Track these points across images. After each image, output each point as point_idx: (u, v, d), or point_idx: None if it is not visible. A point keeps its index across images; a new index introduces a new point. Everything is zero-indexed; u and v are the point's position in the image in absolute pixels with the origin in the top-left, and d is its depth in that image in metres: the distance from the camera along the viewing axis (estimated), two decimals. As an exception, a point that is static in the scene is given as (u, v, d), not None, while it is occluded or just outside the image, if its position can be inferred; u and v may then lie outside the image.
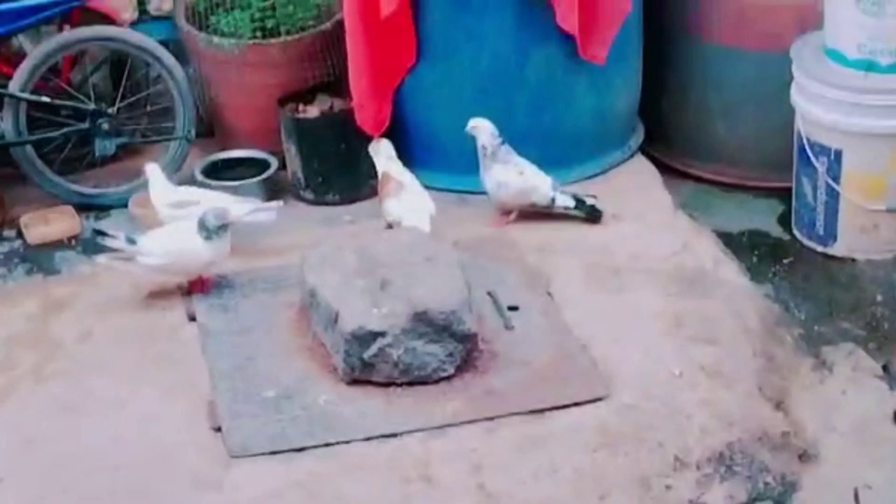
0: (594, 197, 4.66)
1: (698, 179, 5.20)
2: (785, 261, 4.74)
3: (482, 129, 4.63)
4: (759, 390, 3.85)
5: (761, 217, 5.00)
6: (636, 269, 4.36)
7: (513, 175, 4.63)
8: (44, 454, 3.65)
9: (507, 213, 4.70)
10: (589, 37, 4.77)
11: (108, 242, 4.21)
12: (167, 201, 4.53)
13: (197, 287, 4.27)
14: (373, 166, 4.76)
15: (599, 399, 3.73)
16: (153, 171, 4.58)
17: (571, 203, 4.62)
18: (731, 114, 5.08)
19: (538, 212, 4.65)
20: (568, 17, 4.66)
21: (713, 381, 3.82)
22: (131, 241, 4.20)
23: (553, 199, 4.62)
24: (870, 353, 4.20)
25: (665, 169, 5.16)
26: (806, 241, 4.80)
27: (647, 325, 4.06)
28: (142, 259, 4.18)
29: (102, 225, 4.74)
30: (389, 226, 4.48)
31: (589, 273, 4.35)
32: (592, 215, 4.64)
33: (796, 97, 4.68)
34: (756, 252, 4.78)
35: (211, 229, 4.15)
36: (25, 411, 3.84)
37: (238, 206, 4.45)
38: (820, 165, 4.64)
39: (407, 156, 4.90)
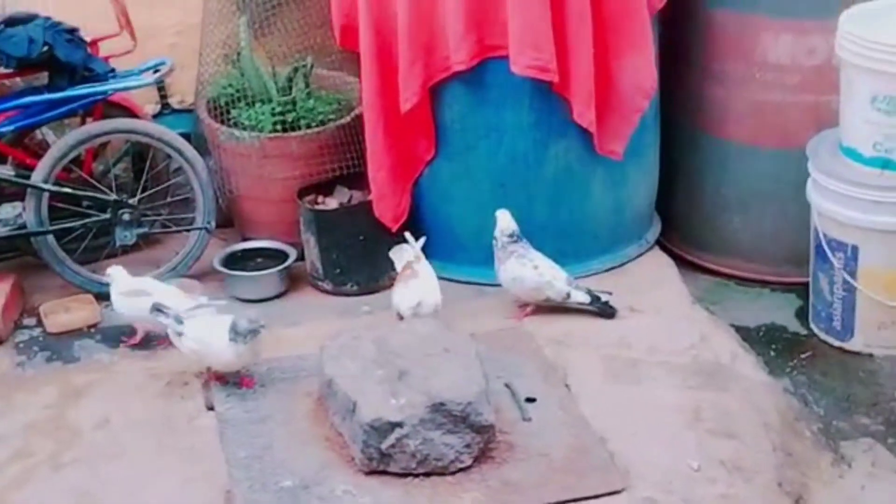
0: (609, 293, 4.67)
1: (715, 273, 5.21)
2: (803, 355, 4.73)
3: (498, 220, 4.67)
4: (778, 485, 3.83)
5: (778, 311, 5.00)
6: (654, 362, 4.36)
7: (528, 270, 4.64)
8: (60, 542, 3.65)
9: (523, 305, 4.71)
10: (606, 132, 4.81)
11: (160, 318, 4.27)
12: (120, 290, 4.57)
13: (222, 379, 4.26)
14: (389, 258, 4.79)
15: (617, 492, 3.71)
16: (116, 272, 4.61)
17: (587, 299, 4.63)
18: (748, 209, 5.11)
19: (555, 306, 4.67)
20: (584, 113, 4.71)
21: (732, 476, 3.80)
22: (178, 321, 4.25)
23: (568, 295, 4.64)
24: (889, 449, 4.18)
25: (682, 262, 5.18)
26: (823, 336, 4.80)
27: (665, 418, 4.05)
28: (182, 341, 4.23)
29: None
30: (400, 317, 4.49)
31: (606, 365, 4.35)
32: (607, 312, 4.65)
33: (812, 194, 4.71)
34: (773, 346, 4.78)
35: (240, 332, 4.15)
36: (42, 499, 3.83)
37: (183, 300, 4.45)
38: (836, 261, 4.65)
39: (425, 248, 4.93)
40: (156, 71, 5.00)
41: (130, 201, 4.99)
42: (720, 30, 4.97)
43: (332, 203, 5.03)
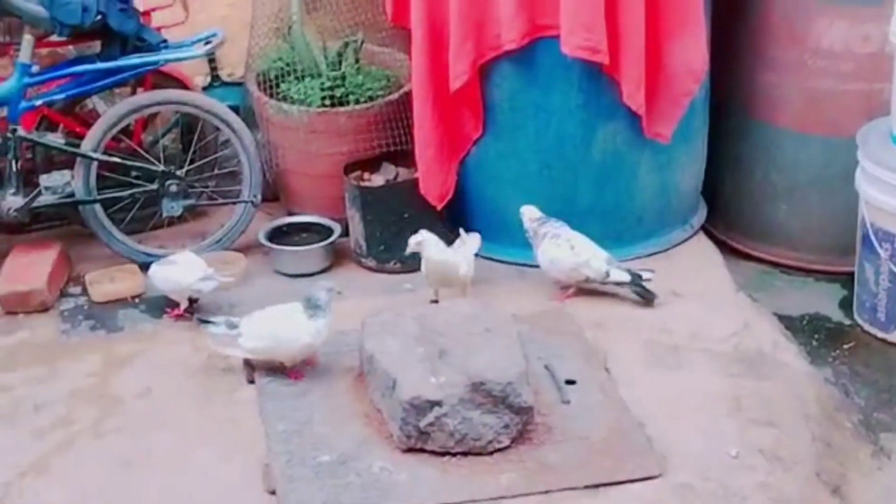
0: (651, 271, 4.64)
1: (760, 261, 5.19)
2: (845, 346, 4.71)
3: (523, 216, 4.70)
4: (816, 475, 3.82)
5: (822, 301, 4.97)
6: (695, 349, 4.34)
7: (564, 250, 4.62)
8: (99, 510, 3.69)
9: (565, 288, 4.71)
10: (654, 115, 4.79)
11: (211, 329, 4.22)
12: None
13: (295, 375, 4.21)
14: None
15: (654, 477, 3.71)
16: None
17: (627, 278, 4.59)
18: (795, 197, 5.08)
19: (596, 288, 4.65)
20: (634, 95, 4.69)
21: (771, 464, 3.79)
22: (232, 326, 4.19)
23: (608, 273, 4.60)
24: (928, 442, 4.17)
25: (726, 249, 5.16)
26: (867, 327, 4.77)
27: (705, 405, 4.04)
28: (243, 342, 4.17)
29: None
30: (435, 300, 4.50)
31: (647, 350, 4.34)
32: (646, 296, 4.62)
33: (861, 183, 4.67)
34: (816, 336, 4.76)
35: (320, 304, 4.12)
36: (83, 466, 3.87)
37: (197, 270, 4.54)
38: (883, 252, 4.62)
39: (468, 226, 4.93)
40: (207, 43, 5.03)
41: (178, 172, 5.01)
42: (773, 14, 4.94)
43: (377, 180, 5.03)
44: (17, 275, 4.81)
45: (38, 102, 4.94)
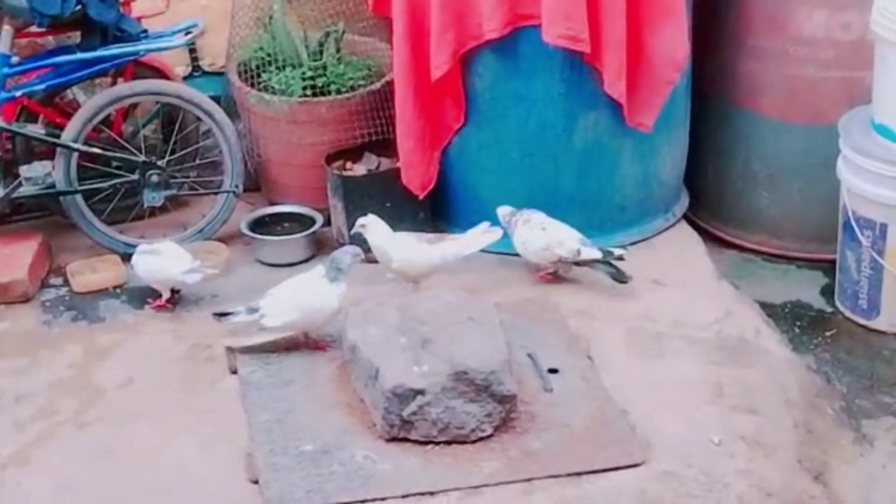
0: (624, 248, 4.67)
1: (741, 249, 5.20)
2: (827, 333, 4.72)
3: (500, 217, 4.70)
4: (798, 462, 3.83)
5: (804, 288, 4.98)
6: (677, 336, 4.35)
7: (536, 232, 4.64)
8: (80, 500, 3.68)
9: (540, 271, 4.71)
10: (636, 104, 4.79)
11: (234, 321, 4.19)
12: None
13: (321, 346, 4.25)
14: (415, 225, 4.82)
15: (637, 465, 3.71)
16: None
17: (598, 254, 4.62)
18: (777, 185, 5.09)
19: (568, 272, 4.67)
20: (615, 84, 4.69)
21: (753, 451, 3.80)
22: (252, 311, 4.17)
23: (579, 252, 4.61)
24: (911, 428, 4.18)
25: (708, 237, 5.18)
26: (849, 314, 4.78)
27: (688, 393, 4.04)
28: (268, 322, 4.16)
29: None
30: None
31: (630, 338, 4.34)
32: (620, 277, 4.63)
33: (843, 171, 4.68)
34: (798, 323, 4.77)
35: (342, 268, 4.17)
36: (65, 456, 3.86)
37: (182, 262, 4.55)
38: (865, 239, 4.63)
39: (451, 216, 4.95)
40: (187, 33, 5.01)
41: (159, 163, 4.99)
42: (755, 3, 4.95)
43: (360, 169, 5.03)
44: (-3, 265, 4.80)
45: (18, 93, 4.91)
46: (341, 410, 3.94)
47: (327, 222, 5.01)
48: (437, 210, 5.01)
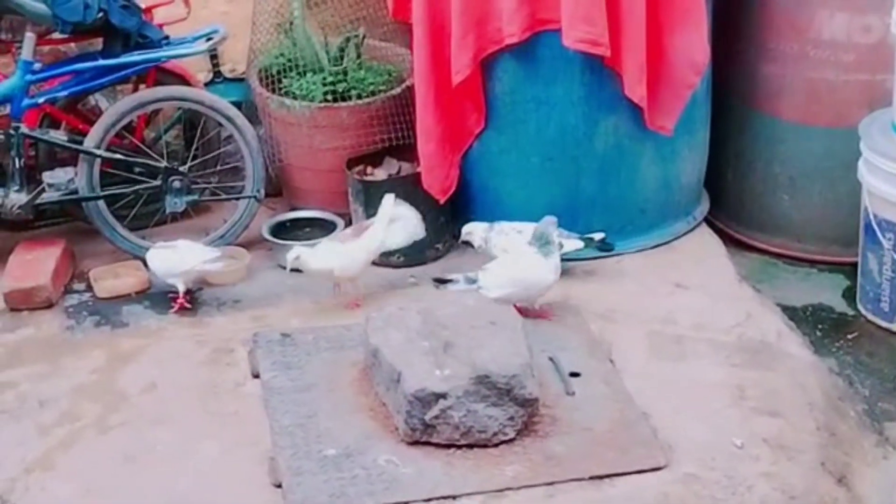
0: (601, 231, 4.68)
1: (763, 252, 5.19)
2: (849, 336, 4.71)
3: (474, 233, 4.72)
4: (821, 465, 3.82)
5: (826, 291, 4.98)
6: (699, 339, 4.35)
7: (513, 236, 4.66)
8: (104, 505, 3.69)
9: None
10: (656, 107, 4.79)
11: (452, 287, 4.39)
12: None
13: (543, 314, 4.40)
14: (436, 230, 4.84)
15: (660, 468, 3.72)
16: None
17: (580, 244, 4.67)
18: (798, 188, 5.08)
19: (601, 278, 4.67)
20: (635, 88, 4.69)
21: (775, 454, 3.79)
22: (471, 281, 4.36)
23: (561, 245, 4.61)
24: (933, 431, 4.17)
25: (729, 240, 5.17)
26: (871, 317, 4.77)
27: (709, 396, 4.04)
28: (487, 294, 4.31)
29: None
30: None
31: (651, 341, 4.34)
32: (604, 247, 4.69)
33: (863, 173, 4.67)
34: (820, 326, 4.76)
35: (551, 241, 4.32)
36: (88, 461, 3.87)
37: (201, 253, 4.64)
38: (886, 242, 4.62)
39: (472, 220, 4.93)
40: (209, 39, 5.03)
41: (181, 169, 5.01)
42: (775, 6, 4.94)
43: (380, 174, 5.04)
44: (21, 271, 4.82)
45: (41, 100, 4.94)
46: (363, 414, 3.95)
47: (348, 227, 5.02)
48: (458, 214, 5.02)
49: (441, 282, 4.49)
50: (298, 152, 5.13)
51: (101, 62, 4.93)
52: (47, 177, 4.95)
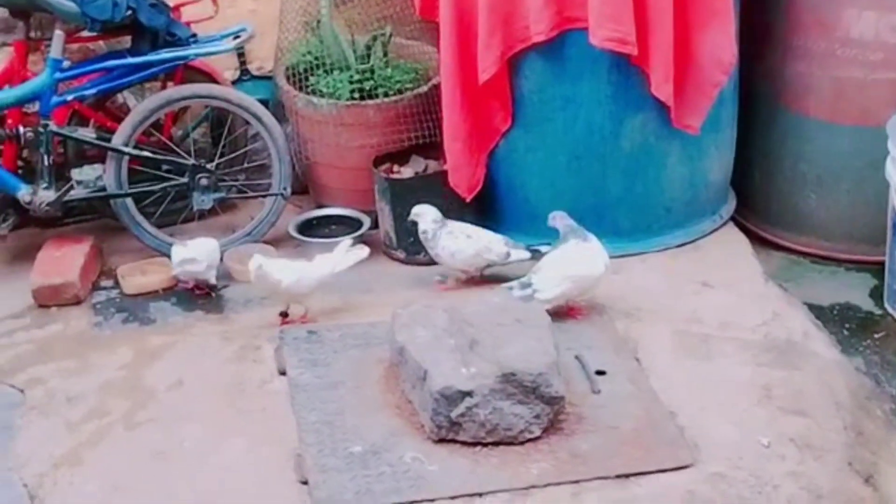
0: (549, 244, 4.64)
1: (789, 250, 5.18)
2: (876, 335, 4.69)
3: (424, 215, 4.69)
4: (848, 464, 3.81)
5: (853, 290, 4.96)
6: (725, 338, 4.34)
7: (462, 240, 4.66)
8: (131, 500, 3.70)
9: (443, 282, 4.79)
10: (683, 106, 4.78)
11: (516, 294, 4.36)
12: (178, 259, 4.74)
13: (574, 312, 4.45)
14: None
15: (686, 467, 3.71)
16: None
17: (527, 255, 4.66)
18: (825, 187, 5.07)
19: (627, 278, 4.66)
20: (662, 86, 4.68)
21: (802, 453, 3.78)
22: (525, 286, 4.37)
23: (508, 254, 4.65)
24: (961, 430, 4.15)
25: (756, 239, 5.16)
26: (898, 316, 4.77)
27: (736, 394, 4.03)
28: (540, 296, 4.31)
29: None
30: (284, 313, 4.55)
31: (678, 340, 4.34)
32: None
33: (891, 172, 4.65)
34: (847, 325, 4.74)
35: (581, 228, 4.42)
36: (115, 457, 3.89)
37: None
38: (914, 240, 4.61)
39: (498, 218, 4.96)
40: (236, 37, 5.05)
41: (208, 166, 5.04)
42: (802, 5, 4.93)
43: (407, 172, 5.05)
44: (49, 268, 4.84)
45: (70, 97, 4.96)
46: (390, 412, 3.95)
47: (375, 225, 5.04)
48: (484, 212, 5.02)
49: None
50: (325, 150, 5.14)
51: (130, 60, 4.96)
52: (76, 174, 4.98)
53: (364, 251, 4.62)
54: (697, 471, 3.69)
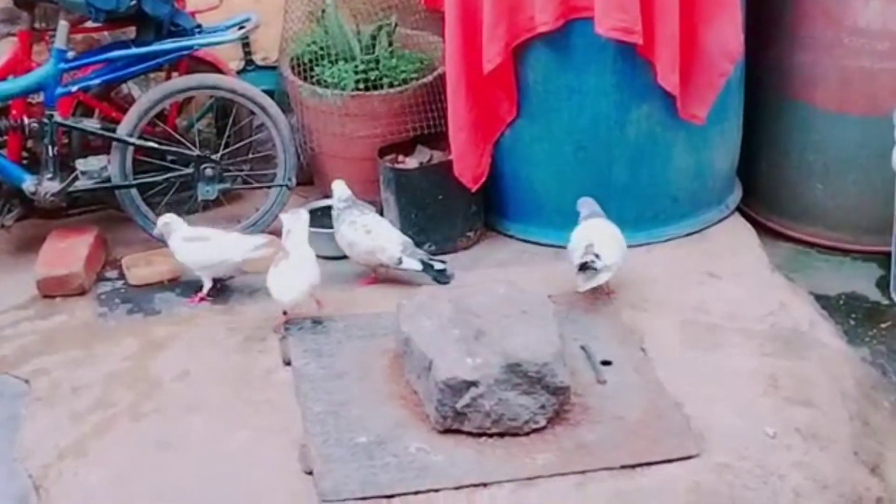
0: (443, 262, 4.65)
1: (796, 240, 5.17)
2: (883, 325, 4.68)
3: (333, 190, 4.71)
4: (854, 454, 3.81)
5: (859, 280, 4.95)
6: (731, 328, 4.33)
7: (360, 234, 4.65)
8: (137, 491, 3.70)
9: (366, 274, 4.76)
10: (689, 96, 4.77)
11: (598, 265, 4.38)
12: (182, 235, 4.66)
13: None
14: (467, 218, 4.84)
15: (692, 457, 3.70)
16: (172, 220, 4.71)
17: (418, 266, 4.61)
18: (831, 176, 5.05)
19: (632, 268, 4.64)
20: (668, 77, 4.67)
21: (808, 443, 3.78)
22: (597, 256, 4.38)
23: (400, 261, 4.61)
24: (967, 421, 4.14)
25: (762, 229, 5.15)
26: (904, 306, 4.76)
27: (742, 385, 4.03)
28: (604, 271, 4.36)
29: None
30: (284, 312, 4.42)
31: (683, 330, 4.33)
32: (439, 279, 4.62)
33: (898, 162, 4.65)
34: (853, 315, 4.73)
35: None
36: (121, 448, 3.89)
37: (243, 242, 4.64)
38: (921, 230, 4.60)
39: (504, 209, 4.95)
40: (241, 27, 5.03)
41: (213, 157, 5.03)
42: (809, -7, 4.92)
43: (412, 162, 5.04)
44: (54, 259, 4.84)
45: (74, 88, 4.95)
46: (395, 402, 3.95)
47: (380, 214, 5.01)
48: (490, 203, 5.02)
49: (584, 268, 4.39)
50: (330, 140, 5.14)
51: (134, 50, 4.95)
52: (80, 165, 4.97)
53: (304, 214, 4.51)
54: (703, 461, 3.69)
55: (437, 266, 4.62)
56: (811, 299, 4.66)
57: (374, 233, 4.66)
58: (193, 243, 4.64)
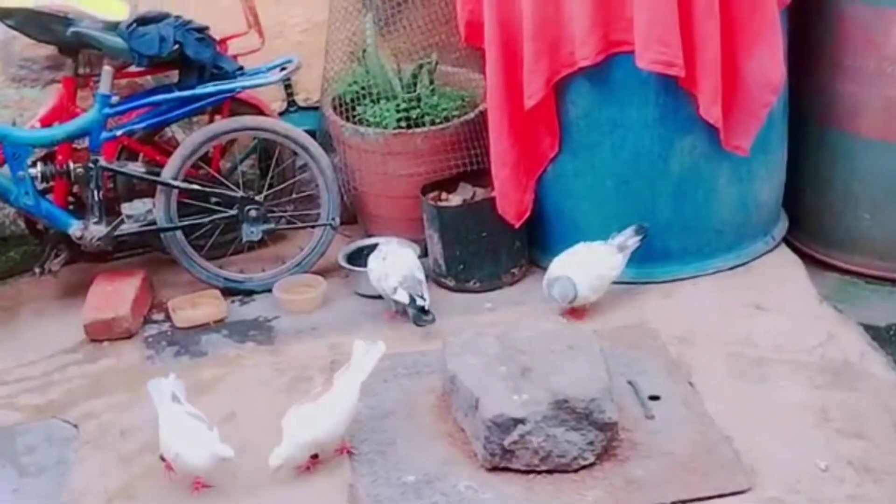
0: (424, 300, 4.61)
1: (844, 271, 5.11)
2: (934, 356, 4.63)
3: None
4: (907, 487, 3.77)
5: (909, 311, 4.91)
6: (780, 361, 4.30)
7: (378, 260, 4.74)
8: (187, 533, 3.71)
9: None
10: (732, 127, 4.75)
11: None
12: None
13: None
14: (511, 255, 4.84)
15: (743, 491, 3.67)
16: None
17: (406, 300, 4.61)
18: (878, 206, 5.01)
19: (679, 301, 4.62)
20: (711, 109, 4.65)
21: (861, 477, 3.73)
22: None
23: (395, 290, 4.63)
24: None
25: (809, 260, 5.10)
26: (955, 336, 4.70)
27: (792, 417, 3.99)
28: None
29: (249, 310, 4.87)
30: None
31: (731, 363, 4.30)
32: (418, 320, 4.61)
33: (945, 189, 4.61)
34: (904, 346, 4.69)
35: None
36: (169, 491, 3.90)
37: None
38: (970, 259, 4.55)
39: (547, 244, 4.93)
40: (282, 69, 5.06)
41: (257, 198, 5.05)
42: (851, 23, 4.88)
43: (455, 200, 5.04)
44: (101, 303, 4.87)
45: (119, 132, 4.99)
46: (442, 441, 3.94)
47: (424, 253, 5.02)
48: (533, 239, 5.01)
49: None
50: (373, 179, 5.15)
51: (177, 94, 4.98)
52: (126, 208, 5.00)
53: (380, 346, 4.08)
54: (755, 495, 3.65)
55: (420, 303, 4.60)
56: (860, 330, 4.61)
57: (388, 260, 4.67)
58: None
